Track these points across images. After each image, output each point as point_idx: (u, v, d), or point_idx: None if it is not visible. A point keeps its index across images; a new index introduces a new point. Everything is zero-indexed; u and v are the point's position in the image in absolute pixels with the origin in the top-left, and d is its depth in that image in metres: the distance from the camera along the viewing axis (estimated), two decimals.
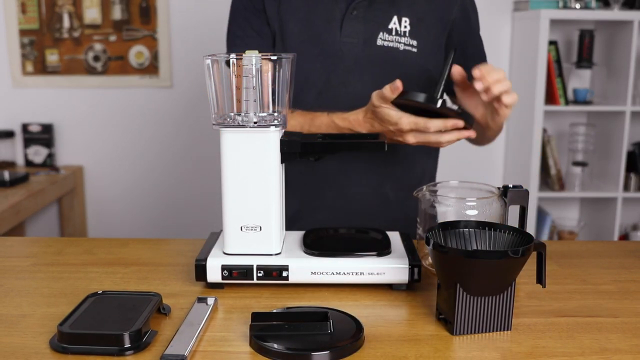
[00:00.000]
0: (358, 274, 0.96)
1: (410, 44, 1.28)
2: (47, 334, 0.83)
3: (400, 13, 1.28)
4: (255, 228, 0.97)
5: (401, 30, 1.27)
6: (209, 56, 0.95)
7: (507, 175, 2.99)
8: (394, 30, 1.27)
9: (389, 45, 1.27)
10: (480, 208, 0.99)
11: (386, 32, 1.27)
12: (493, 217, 0.99)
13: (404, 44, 1.27)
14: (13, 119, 2.89)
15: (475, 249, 0.88)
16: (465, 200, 1.00)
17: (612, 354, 0.79)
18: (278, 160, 0.96)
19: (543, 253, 0.85)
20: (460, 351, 0.79)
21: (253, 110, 0.96)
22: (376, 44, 1.27)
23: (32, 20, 2.81)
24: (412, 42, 1.28)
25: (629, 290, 1.00)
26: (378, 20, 1.27)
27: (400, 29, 1.27)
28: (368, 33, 1.27)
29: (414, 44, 1.28)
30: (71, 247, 1.20)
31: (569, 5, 2.66)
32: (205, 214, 2.93)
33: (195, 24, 2.80)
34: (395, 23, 1.27)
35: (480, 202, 0.99)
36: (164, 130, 2.91)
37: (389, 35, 1.27)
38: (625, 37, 2.67)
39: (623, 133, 2.69)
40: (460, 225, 0.90)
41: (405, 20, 1.28)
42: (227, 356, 0.78)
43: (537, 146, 2.68)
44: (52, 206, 2.96)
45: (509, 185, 1.03)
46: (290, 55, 0.98)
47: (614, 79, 2.79)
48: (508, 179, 2.96)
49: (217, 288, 0.98)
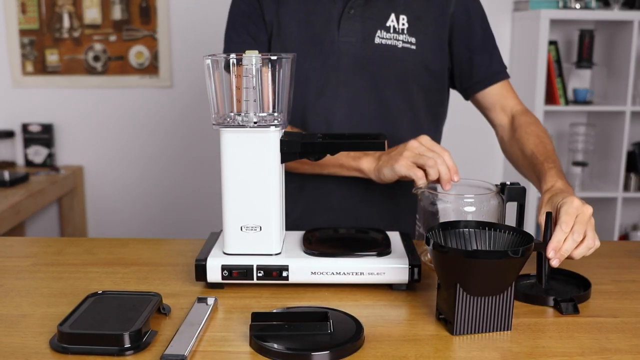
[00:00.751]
0: (358, 274, 0.96)
1: (408, 41, 1.27)
2: (47, 334, 0.83)
3: (398, 11, 1.28)
4: (255, 228, 0.97)
5: (399, 28, 1.27)
6: (209, 56, 0.95)
7: (506, 175, 2.99)
8: (392, 28, 1.27)
9: (387, 43, 1.27)
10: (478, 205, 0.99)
11: (384, 30, 1.27)
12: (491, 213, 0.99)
13: (402, 41, 1.27)
14: (13, 119, 2.89)
15: (475, 249, 0.88)
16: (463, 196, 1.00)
17: (612, 354, 0.79)
18: (278, 160, 0.96)
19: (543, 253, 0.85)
20: (460, 351, 0.79)
21: (253, 110, 0.96)
22: (374, 42, 1.27)
23: (32, 20, 2.81)
24: (410, 39, 1.27)
25: (628, 290, 1.00)
26: (375, 19, 1.27)
27: (398, 26, 1.27)
28: (366, 32, 1.27)
29: (412, 41, 1.28)
30: (71, 247, 1.20)
31: (569, 5, 2.66)
32: (205, 214, 2.93)
33: (195, 24, 2.80)
34: (393, 21, 1.27)
35: (479, 199, 0.99)
36: (164, 130, 2.91)
37: (387, 33, 1.27)
38: (625, 37, 2.67)
39: (623, 133, 2.69)
40: (460, 225, 0.90)
41: (403, 17, 1.27)
42: (227, 356, 0.78)
43: None
44: (52, 206, 2.96)
45: (506, 183, 1.03)
46: (290, 55, 0.98)
47: (614, 79, 2.79)
48: (508, 179, 2.95)
49: (217, 288, 0.98)
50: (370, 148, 1.01)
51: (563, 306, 0.90)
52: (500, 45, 1.40)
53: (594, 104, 2.80)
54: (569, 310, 0.90)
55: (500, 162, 3.01)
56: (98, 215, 2.99)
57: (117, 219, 2.99)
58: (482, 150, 2.95)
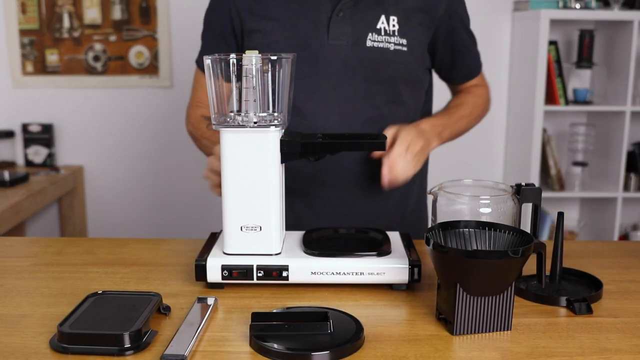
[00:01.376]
0: (358, 274, 0.96)
1: (400, 43, 1.26)
2: (47, 334, 0.83)
3: (388, 12, 1.26)
4: (255, 228, 0.97)
5: (390, 30, 1.25)
6: (209, 56, 0.95)
7: (507, 175, 2.99)
8: (383, 30, 1.25)
9: (379, 46, 1.25)
10: (494, 206, 0.99)
11: (375, 33, 1.25)
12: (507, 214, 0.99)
13: (394, 43, 1.25)
14: (13, 119, 2.89)
15: (475, 249, 0.88)
16: (479, 198, 1.00)
17: (612, 354, 0.79)
18: (278, 160, 0.96)
19: (543, 253, 0.85)
20: (460, 351, 0.79)
21: (253, 110, 0.96)
22: (366, 45, 1.25)
23: (32, 20, 2.81)
24: (401, 40, 1.26)
25: (628, 290, 1.00)
26: (366, 21, 1.25)
27: (389, 28, 1.25)
28: (356, 34, 1.25)
29: (403, 43, 1.26)
30: (71, 247, 1.20)
31: (569, 5, 2.66)
32: (205, 214, 2.93)
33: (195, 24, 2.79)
34: (384, 22, 1.25)
35: (494, 200, 0.99)
36: (164, 130, 2.91)
37: (379, 35, 1.25)
38: (625, 37, 2.67)
39: (623, 133, 2.69)
40: (460, 225, 0.90)
41: (393, 19, 1.25)
42: (227, 356, 0.78)
43: (537, 146, 2.68)
44: (52, 206, 2.96)
45: (521, 184, 1.04)
46: (291, 55, 0.98)
47: (614, 79, 2.79)
48: (508, 179, 2.96)
49: (217, 288, 0.98)
50: (371, 148, 1.01)
51: (576, 306, 0.91)
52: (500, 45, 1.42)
53: (594, 104, 2.81)
54: (582, 310, 0.90)
55: (500, 165, 3.01)
56: (98, 215, 2.99)
57: (117, 218, 2.99)
58: (483, 152, 2.96)
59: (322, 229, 1.11)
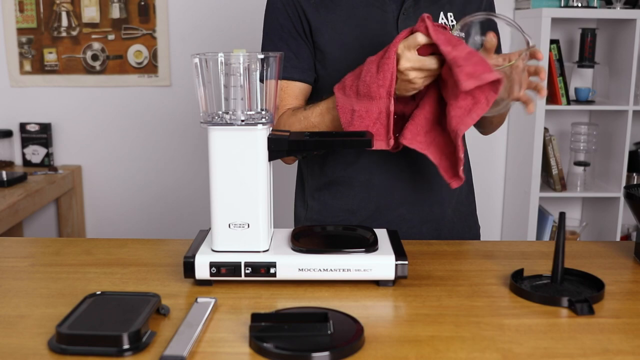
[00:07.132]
0: (345, 271, 0.97)
1: (460, 36, 1.29)
2: (45, 334, 0.82)
3: (445, 8, 1.32)
4: (243, 225, 0.98)
5: (450, 25, 1.31)
6: (197, 55, 0.96)
7: (508, 175, 2.98)
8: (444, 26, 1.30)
9: None
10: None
11: None
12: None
13: (457, 36, 1.29)
14: (11, 119, 2.88)
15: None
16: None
17: (614, 354, 0.78)
18: (266, 158, 0.98)
19: None
20: (461, 352, 0.79)
21: (241, 109, 0.97)
22: None
23: (30, 19, 2.81)
24: (460, 34, 1.29)
25: (631, 290, 0.99)
26: None
27: (449, 23, 1.31)
28: None
29: (462, 36, 1.29)
30: (69, 247, 1.19)
31: (571, 4, 2.65)
32: (204, 213, 2.93)
33: (194, 23, 2.80)
34: (443, 19, 1.31)
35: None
36: (163, 130, 2.90)
37: None
38: (627, 36, 2.66)
39: (625, 132, 2.68)
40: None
41: (450, 15, 1.32)
42: (226, 357, 0.77)
43: (539, 146, 2.67)
44: (50, 206, 2.96)
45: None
46: (277, 54, 1.00)
47: (616, 78, 2.78)
48: (509, 179, 2.95)
49: (206, 285, 0.99)
50: (357, 145, 1.03)
51: (578, 307, 0.90)
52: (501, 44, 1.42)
53: (596, 104, 2.80)
54: (584, 310, 0.90)
55: (502, 164, 3.00)
56: (96, 215, 2.98)
57: (115, 219, 2.98)
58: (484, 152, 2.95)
59: (310, 227, 1.12)
